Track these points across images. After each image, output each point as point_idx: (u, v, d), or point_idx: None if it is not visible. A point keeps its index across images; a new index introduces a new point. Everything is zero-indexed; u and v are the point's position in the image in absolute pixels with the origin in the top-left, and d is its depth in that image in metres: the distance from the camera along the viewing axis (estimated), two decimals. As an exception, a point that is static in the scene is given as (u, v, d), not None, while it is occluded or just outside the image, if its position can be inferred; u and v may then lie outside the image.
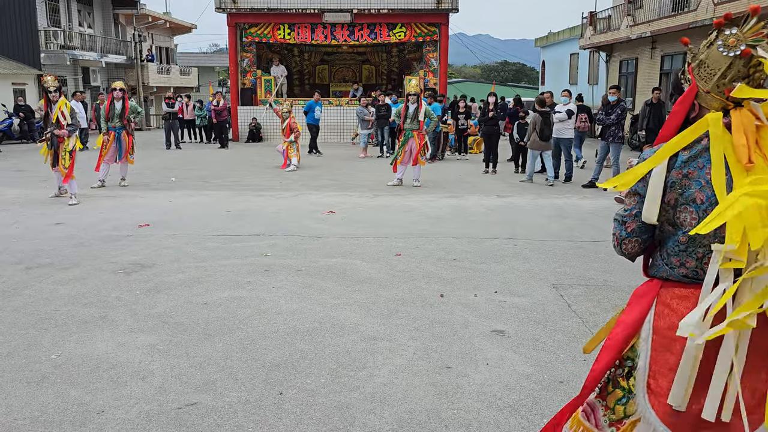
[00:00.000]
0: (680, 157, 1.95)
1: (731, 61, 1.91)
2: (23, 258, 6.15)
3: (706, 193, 1.90)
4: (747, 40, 1.90)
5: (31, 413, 3.19)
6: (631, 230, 2.08)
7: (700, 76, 1.99)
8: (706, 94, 1.98)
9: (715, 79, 1.95)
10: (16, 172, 13.42)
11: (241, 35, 21.64)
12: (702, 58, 1.99)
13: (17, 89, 23.67)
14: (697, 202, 1.91)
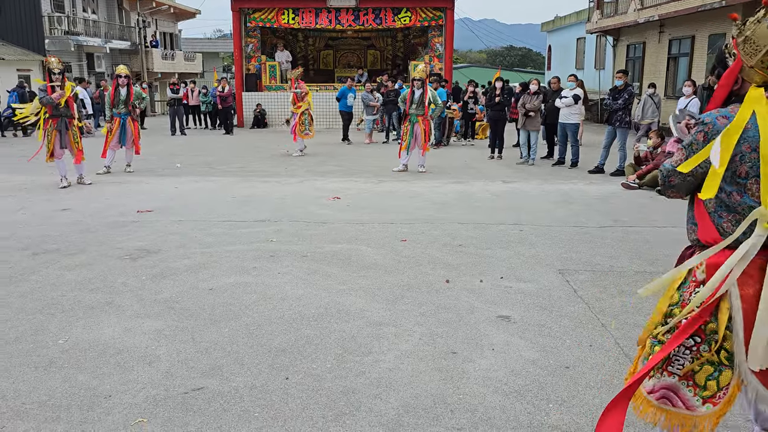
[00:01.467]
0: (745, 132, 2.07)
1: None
2: (30, 244, 6.17)
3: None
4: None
5: (38, 397, 3.21)
6: (672, 183, 2.28)
7: (746, 51, 2.10)
8: (750, 68, 2.10)
9: (760, 55, 2.06)
10: (21, 158, 13.42)
11: (245, 20, 21.52)
12: (748, 34, 2.09)
13: (22, 75, 23.64)
14: None
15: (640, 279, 5.10)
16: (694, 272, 2.21)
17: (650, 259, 5.63)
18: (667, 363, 2.20)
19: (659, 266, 5.43)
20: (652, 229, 6.88)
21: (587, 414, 3.06)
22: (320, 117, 20.16)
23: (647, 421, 2.26)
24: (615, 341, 3.90)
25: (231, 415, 3.05)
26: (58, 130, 9.44)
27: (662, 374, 2.21)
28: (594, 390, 3.29)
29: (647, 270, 5.34)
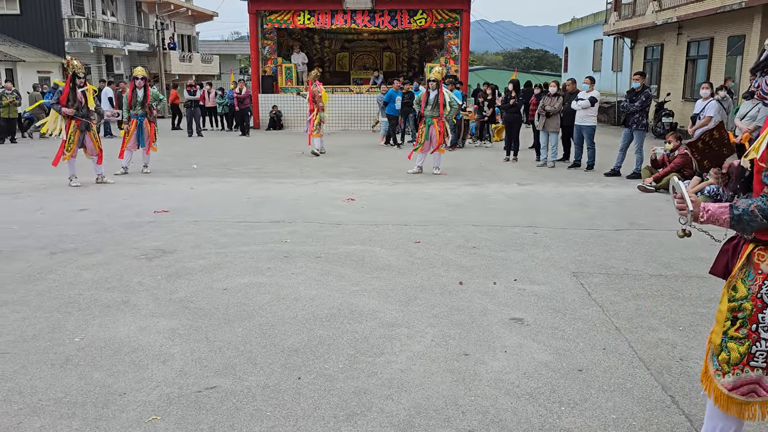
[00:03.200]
0: None
1: None
2: (48, 243, 6.26)
3: None
4: None
5: (54, 394, 3.26)
6: None
7: None
8: None
9: None
10: (41, 158, 13.61)
11: (261, 22, 21.64)
12: None
13: (42, 77, 23.98)
14: None
15: (655, 282, 5.06)
16: (758, 265, 2.24)
17: (665, 263, 5.58)
18: (748, 358, 2.27)
19: (674, 269, 5.39)
20: (667, 232, 6.82)
21: (600, 417, 3.04)
22: (335, 119, 20.23)
23: (737, 416, 2.35)
24: (629, 344, 3.87)
25: (243, 414, 3.07)
26: (81, 130, 9.68)
27: (743, 370, 2.28)
28: (607, 393, 3.27)
29: (662, 273, 5.29)
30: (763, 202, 2.16)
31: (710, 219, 2.27)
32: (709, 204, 2.30)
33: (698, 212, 2.28)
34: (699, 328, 4.15)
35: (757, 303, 2.25)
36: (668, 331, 4.10)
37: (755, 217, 2.17)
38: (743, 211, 2.19)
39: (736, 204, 2.21)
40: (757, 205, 2.16)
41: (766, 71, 2.29)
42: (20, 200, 8.63)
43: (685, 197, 2.31)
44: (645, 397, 3.24)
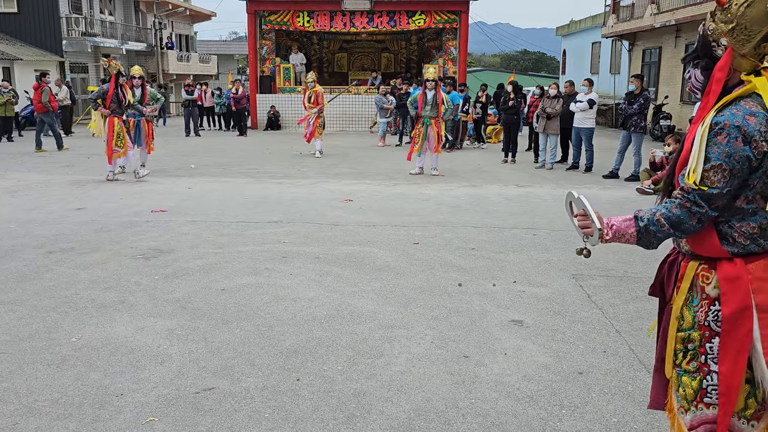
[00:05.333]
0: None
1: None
2: (45, 242, 6.22)
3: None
4: None
5: (51, 395, 3.23)
6: (716, 207, 1.93)
7: (737, 39, 1.91)
8: (741, 57, 1.93)
9: (754, 42, 1.90)
10: (38, 157, 13.57)
11: (260, 23, 21.62)
12: (738, 20, 1.90)
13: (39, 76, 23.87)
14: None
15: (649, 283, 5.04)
16: (703, 288, 2.00)
17: (665, 265, 5.56)
18: (702, 394, 2.02)
19: (674, 272, 5.37)
20: (667, 234, 6.81)
21: (600, 421, 3.02)
22: (333, 120, 20.22)
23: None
24: (629, 347, 3.85)
25: (242, 416, 3.04)
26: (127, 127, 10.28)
27: (698, 407, 2.03)
28: (608, 396, 3.26)
29: (662, 276, 5.27)
30: (667, 209, 1.95)
31: (616, 236, 2.03)
32: (613, 219, 2.06)
33: (600, 230, 2.03)
34: (699, 331, 4.13)
35: (705, 332, 2.00)
36: (668, 334, 4.08)
37: (661, 227, 1.96)
38: (649, 221, 1.98)
39: (640, 215, 2.00)
40: (662, 213, 1.96)
41: (696, 63, 2.06)
42: (17, 199, 8.59)
43: (590, 214, 2.05)
44: (647, 401, 3.22)
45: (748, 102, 1.91)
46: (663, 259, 2.22)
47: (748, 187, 1.91)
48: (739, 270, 1.94)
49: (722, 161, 1.87)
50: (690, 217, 1.92)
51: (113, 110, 9.98)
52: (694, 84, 2.07)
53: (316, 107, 13.55)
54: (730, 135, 1.86)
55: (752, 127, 1.85)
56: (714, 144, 1.88)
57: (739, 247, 1.95)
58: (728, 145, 1.86)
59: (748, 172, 1.89)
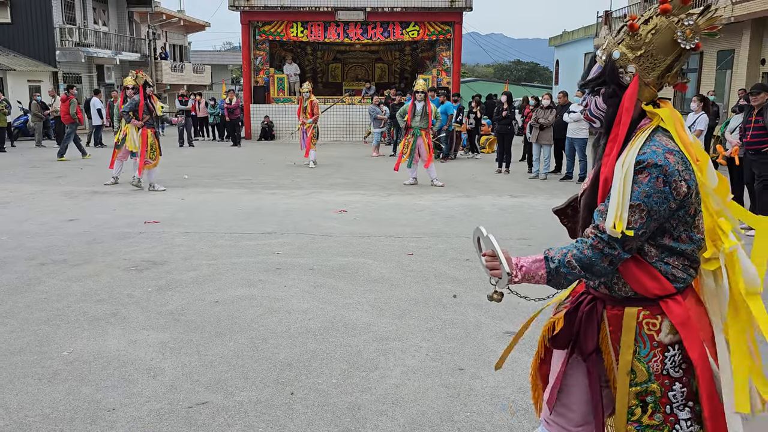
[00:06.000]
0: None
1: (681, 53, 1.84)
2: (36, 254, 6.18)
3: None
4: (702, 33, 1.83)
5: (42, 410, 3.19)
6: (630, 248, 1.83)
7: (642, 66, 1.84)
8: (645, 85, 1.86)
9: (659, 70, 1.84)
10: (30, 168, 13.51)
11: (254, 33, 21.66)
12: (645, 46, 1.83)
13: (33, 86, 23.86)
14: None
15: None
16: (651, 336, 1.87)
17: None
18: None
19: (668, 283, 5.38)
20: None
21: (596, 434, 3.01)
22: (327, 130, 20.23)
23: None
24: (624, 359, 3.84)
25: (235, 431, 3.01)
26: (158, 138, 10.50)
27: None
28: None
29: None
30: (579, 250, 1.84)
31: (525, 277, 1.88)
32: (522, 259, 1.91)
33: (512, 271, 1.89)
34: (694, 342, 4.13)
35: (664, 381, 1.88)
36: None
37: (572, 269, 1.84)
38: (560, 263, 1.86)
39: (551, 254, 1.88)
40: (573, 255, 1.84)
41: (597, 90, 1.92)
42: (9, 210, 8.53)
43: (499, 256, 1.89)
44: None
45: (662, 138, 1.82)
46: (572, 309, 2.06)
47: (672, 226, 1.83)
48: (686, 309, 1.87)
49: (641, 201, 1.77)
50: (602, 259, 1.81)
51: (146, 122, 10.12)
52: (594, 112, 1.95)
53: (310, 118, 13.56)
54: (651, 174, 1.76)
55: (672, 166, 1.76)
56: (635, 183, 1.78)
57: (680, 282, 1.87)
58: (649, 184, 1.77)
59: (666, 214, 1.80)
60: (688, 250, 1.86)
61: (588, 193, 1.97)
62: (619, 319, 1.91)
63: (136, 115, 10.13)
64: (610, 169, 1.85)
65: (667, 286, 1.86)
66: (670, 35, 1.81)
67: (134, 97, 10.27)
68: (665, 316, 1.86)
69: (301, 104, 13.82)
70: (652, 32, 1.82)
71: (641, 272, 1.85)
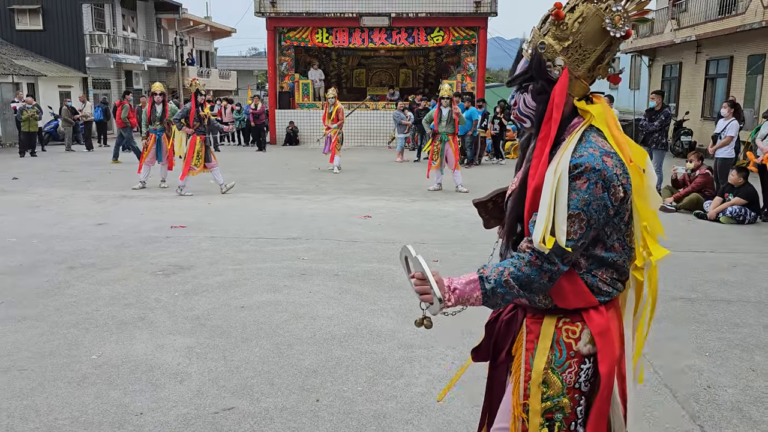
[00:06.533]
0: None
1: (611, 42, 1.69)
2: (66, 257, 6.27)
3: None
4: (632, 19, 1.68)
5: (71, 413, 3.23)
6: (569, 260, 1.69)
7: (572, 58, 1.69)
8: (576, 79, 1.71)
9: (589, 62, 1.69)
10: (60, 172, 13.75)
11: (279, 39, 21.82)
12: (573, 36, 1.68)
13: (63, 92, 24.32)
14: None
15: (678, 305, 4.96)
16: (569, 345, 1.75)
17: (688, 285, 5.47)
18: None
19: (698, 292, 5.28)
20: (689, 253, 6.71)
21: (626, 447, 2.95)
22: (352, 135, 20.29)
23: None
24: (654, 370, 3.78)
25: (261, 437, 3.01)
26: (206, 146, 10.59)
27: None
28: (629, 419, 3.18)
29: (685, 296, 5.19)
30: (516, 267, 1.69)
31: (460, 301, 1.72)
32: (455, 280, 1.74)
33: (445, 296, 1.73)
34: (726, 354, 4.05)
35: (575, 395, 1.75)
36: (694, 356, 4.00)
37: (510, 289, 1.69)
38: (496, 283, 1.70)
39: (486, 274, 1.71)
40: (510, 273, 1.68)
41: (525, 86, 1.77)
42: (40, 214, 8.69)
43: (429, 279, 1.71)
44: (673, 426, 3.15)
45: (597, 138, 1.69)
46: (492, 318, 1.97)
47: (606, 235, 1.70)
48: (607, 320, 1.74)
49: (581, 210, 1.63)
50: (541, 276, 1.67)
51: (197, 129, 10.32)
52: (523, 111, 1.79)
53: (335, 123, 13.63)
54: (590, 180, 1.62)
55: (610, 170, 1.63)
56: (572, 189, 1.63)
57: (605, 296, 1.75)
58: (588, 191, 1.62)
59: (604, 222, 1.67)
60: (618, 261, 1.74)
61: (516, 197, 1.82)
62: (538, 326, 1.80)
63: (188, 122, 10.33)
64: (540, 174, 1.70)
65: (589, 299, 1.73)
66: (598, 23, 1.66)
67: (186, 105, 10.57)
68: (586, 325, 1.74)
69: (326, 110, 13.90)
70: (579, 21, 1.67)
71: (566, 284, 1.72)
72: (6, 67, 21.78)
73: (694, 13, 19.40)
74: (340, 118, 13.68)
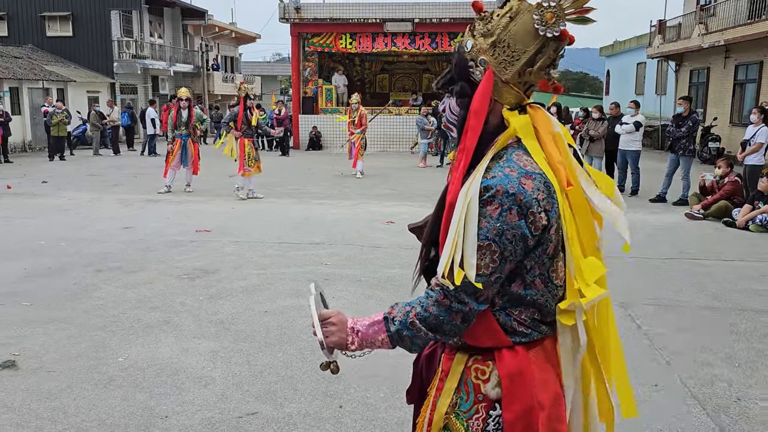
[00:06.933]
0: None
1: (543, 43, 1.45)
2: (93, 260, 6.37)
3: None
4: (566, 17, 1.45)
5: (98, 415, 3.27)
6: (485, 298, 1.46)
7: (498, 59, 1.47)
8: (504, 84, 1.48)
9: (519, 65, 1.46)
10: (88, 176, 13.98)
11: (303, 45, 21.98)
12: (499, 33, 1.46)
13: (91, 97, 24.75)
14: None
15: (707, 315, 4.88)
16: (477, 386, 1.53)
17: (717, 294, 5.38)
18: None
19: (727, 301, 5.19)
20: (718, 262, 6.60)
21: (654, 459, 2.91)
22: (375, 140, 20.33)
23: None
24: (682, 381, 3.72)
25: (284, 443, 3.02)
26: (256, 148, 10.88)
27: None
28: (660, 433, 3.13)
29: (714, 306, 5.10)
30: (423, 307, 1.47)
31: (364, 344, 1.53)
32: (359, 321, 1.55)
33: (344, 338, 1.54)
34: (757, 365, 3.96)
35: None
36: (723, 367, 3.93)
37: (418, 332, 1.47)
38: (401, 324, 1.48)
39: (393, 314, 1.51)
40: (417, 314, 1.47)
41: (452, 90, 1.56)
42: (68, 217, 8.84)
43: (313, 319, 1.55)
44: (701, 438, 3.09)
45: (521, 156, 1.45)
46: (417, 356, 1.76)
47: (525, 269, 1.46)
48: (522, 362, 1.49)
49: (491, 240, 1.39)
50: (452, 317, 1.45)
51: (244, 132, 10.55)
52: (449, 118, 1.58)
53: (359, 128, 13.69)
54: (503, 205, 1.39)
55: (529, 194, 1.40)
56: (483, 216, 1.40)
57: (521, 336, 1.51)
58: (500, 219, 1.39)
59: (522, 253, 1.44)
60: (540, 300, 1.48)
61: (433, 216, 1.61)
62: (450, 363, 1.59)
63: (236, 125, 10.54)
64: (455, 192, 1.49)
65: (501, 338, 1.50)
66: (529, 20, 1.44)
67: (234, 109, 10.86)
68: (496, 365, 1.52)
69: (350, 116, 13.97)
70: (508, 16, 1.46)
71: (478, 322, 1.48)
72: (37, 72, 22.23)
73: (722, 17, 19.11)
74: (363, 123, 13.73)
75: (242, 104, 10.62)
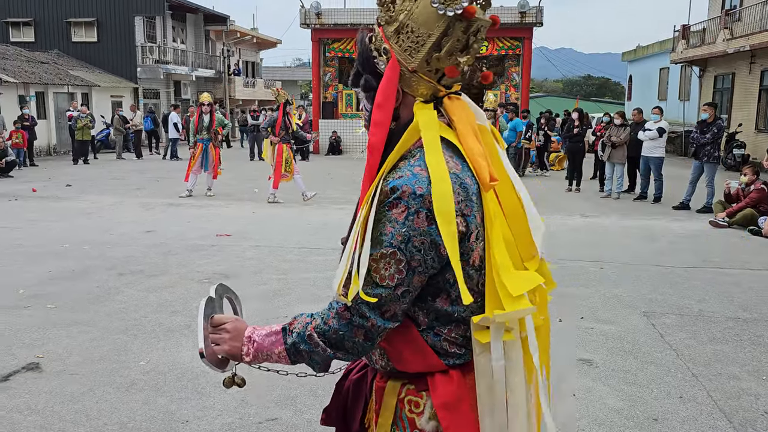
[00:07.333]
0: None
1: (448, 24, 1.28)
2: (116, 264, 6.43)
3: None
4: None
5: (119, 418, 3.29)
6: (393, 314, 1.29)
7: (402, 46, 1.32)
8: (411, 74, 1.32)
9: (424, 51, 1.30)
10: (111, 180, 14.15)
11: (324, 50, 22.08)
12: (402, 19, 1.31)
13: (115, 101, 25.08)
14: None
15: (732, 326, 4.79)
16: (412, 421, 1.38)
17: (743, 304, 5.28)
18: None
19: (753, 312, 5.09)
20: (743, 271, 6.48)
21: (679, 473, 2.85)
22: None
23: None
24: (708, 393, 3.65)
25: (304, 450, 3.02)
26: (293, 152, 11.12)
27: None
28: (686, 446, 3.08)
29: (740, 316, 5.00)
30: (323, 319, 1.32)
31: (260, 355, 1.38)
32: (257, 330, 1.41)
33: (237, 347, 1.40)
34: (785, 378, 3.88)
35: None
36: (750, 380, 3.85)
37: (316, 347, 1.32)
38: (299, 337, 1.33)
39: (292, 326, 1.36)
40: (316, 326, 1.32)
41: (366, 86, 1.40)
42: (91, 220, 8.95)
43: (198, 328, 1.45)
44: (728, 453, 3.03)
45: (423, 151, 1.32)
46: (342, 377, 1.62)
47: (448, 282, 1.30)
48: (458, 389, 1.35)
49: (396, 249, 1.24)
50: (354, 333, 1.28)
51: (282, 137, 10.58)
52: (364, 116, 1.44)
53: None
54: (410, 209, 1.23)
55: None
56: (387, 221, 1.25)
57: (454, 357, 1.35)
58: (406, 224, 1.24)
59: (437, 264, 1.27)
60: (469, 317, 1.33)
61: (352, 221, 1.45)
62: (381, 393, 1.43)
63: (273, 131, 10.61)
64: (362, 196, 1.36)
65: (432, 362, 1.35)
66: (424, 0, 1.29)
67: (272, 114, 10.95)
68: (430, 395, 1.36)
69: None
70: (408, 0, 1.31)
71: (401, 343, 1.34)
72: (62, 77, 22.59)
73: (748, 22, 18.84)
74: None
75: (282, 110, 10.64)
